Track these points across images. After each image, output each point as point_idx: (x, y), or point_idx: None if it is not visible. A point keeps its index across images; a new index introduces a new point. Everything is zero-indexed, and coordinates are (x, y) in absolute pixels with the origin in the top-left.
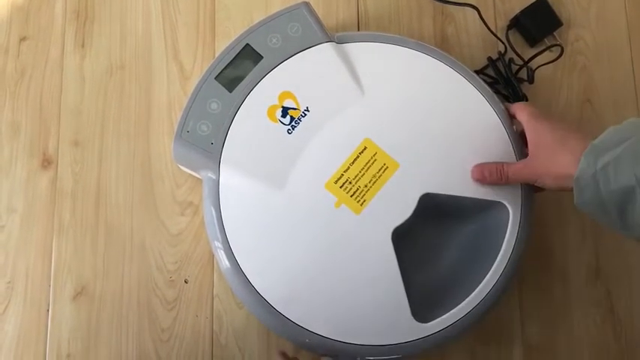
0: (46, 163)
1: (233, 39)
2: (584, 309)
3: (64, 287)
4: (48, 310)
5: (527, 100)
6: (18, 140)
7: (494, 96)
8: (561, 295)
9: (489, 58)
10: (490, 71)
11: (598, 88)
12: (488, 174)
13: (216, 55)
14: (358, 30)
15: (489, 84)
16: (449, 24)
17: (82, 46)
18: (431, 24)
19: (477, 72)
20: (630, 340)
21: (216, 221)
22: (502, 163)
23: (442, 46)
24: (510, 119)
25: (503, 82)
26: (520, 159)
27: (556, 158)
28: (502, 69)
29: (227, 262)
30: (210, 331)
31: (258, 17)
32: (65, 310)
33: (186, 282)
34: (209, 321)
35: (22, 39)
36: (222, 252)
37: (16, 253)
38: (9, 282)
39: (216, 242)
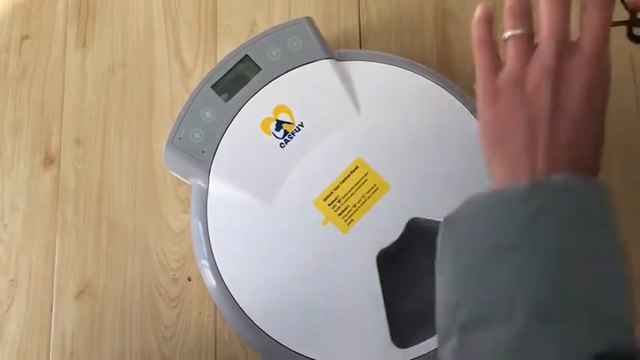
0: (49, 161)
1: (235, 47)
2: None
3: (67, 285)
4: (51, 309)
5: None
6: (20, 139)
7: None
8: None
9: None
10: None
11: None
12: None
13: (218, 60)
14: (360, 29)
15: None
16: (450, 22)
17: (84, 44)
18: (432, 23)
19: None
20: None
21: (202, 237)
22: None
23: (443, 45)
24: None
25: None
26: None
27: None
28: None
29: (213, 282)
30: (214, 328)
31: (259, 16)
32: (68, 308)
33: (189, 279)
34: (212, 318)
35: (24, 37)
36: (209, 271)
37: (18, 251)
38: (12, 280)
39: (202, 260)
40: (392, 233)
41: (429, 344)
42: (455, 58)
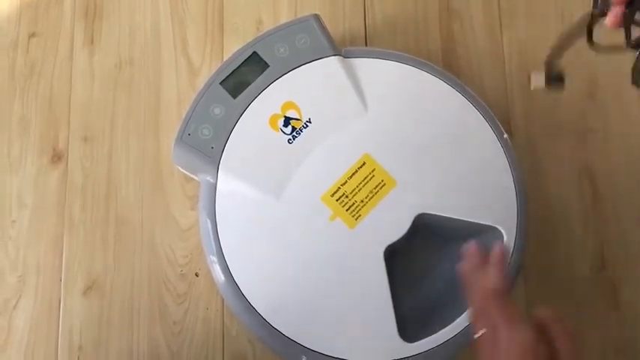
0: (56, 158)
1: (241, 45)
2: (588, 300)
3: (75, 281)
4: (59, 304)
5: None
6: (28, 136)
7: (497, 121)
8: (566, 286)
9: None
10: None
11: (601, 83)
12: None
13: (224, 58)
14: (365, 29)
15: None
16: (454, 21)
17: (91, 42)
18: (437, 22)
19: None
20: (634, 330)
21: (211, 233)
22: None
23: (448, 43)
24: (511, 147)
25: None
26: (519, 188)
27: None
28: None
29: (222, 277)
30: (221, 323)
31: (265, 14)
32: (76, 304)
33: (196, 275)
34: (220, 314)
35: (32, 35)
36: (218, 266)
37: (26, 247)
38: (20, 276)
39: (211, 256)
40: (399, 229)
41: (435, 338)
42: (460, 56)
